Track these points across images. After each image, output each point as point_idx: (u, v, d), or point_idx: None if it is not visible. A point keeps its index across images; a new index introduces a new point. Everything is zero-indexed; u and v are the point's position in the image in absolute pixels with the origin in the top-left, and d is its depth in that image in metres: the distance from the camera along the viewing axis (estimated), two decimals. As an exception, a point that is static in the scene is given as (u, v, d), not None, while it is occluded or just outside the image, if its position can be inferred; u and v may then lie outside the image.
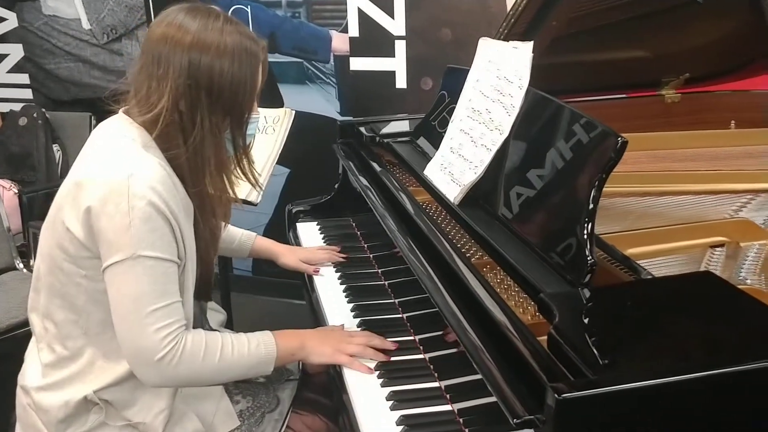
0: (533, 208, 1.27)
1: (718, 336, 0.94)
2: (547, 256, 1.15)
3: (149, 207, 1.18)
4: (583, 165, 1.16)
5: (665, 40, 2.03)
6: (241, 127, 1.31)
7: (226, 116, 1.28)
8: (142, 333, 1.20)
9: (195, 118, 1.25)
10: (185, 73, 1.22)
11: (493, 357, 1.03)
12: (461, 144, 1.51)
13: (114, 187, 1.18)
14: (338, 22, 2.80)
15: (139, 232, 1.18)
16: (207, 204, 1.34)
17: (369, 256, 1.83)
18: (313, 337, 1.39)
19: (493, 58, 1.51)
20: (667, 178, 1.73)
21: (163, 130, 1.25)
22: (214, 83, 1.23)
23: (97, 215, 1.19)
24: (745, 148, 1.92)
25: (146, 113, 1.25)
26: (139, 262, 1.18)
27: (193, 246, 1.32)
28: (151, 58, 1.24)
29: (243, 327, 2.65)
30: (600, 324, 0.99)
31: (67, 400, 1.31)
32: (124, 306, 1.21)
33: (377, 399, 1.25)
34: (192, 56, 1.22)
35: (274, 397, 1.48)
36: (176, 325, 1.22)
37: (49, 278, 1.31)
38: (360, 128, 2.07)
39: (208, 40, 1.23)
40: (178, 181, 1.28)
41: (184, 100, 1.24)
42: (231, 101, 1.27)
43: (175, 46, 1.22)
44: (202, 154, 1.27)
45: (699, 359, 0.88)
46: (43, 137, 3.16)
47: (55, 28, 3.36)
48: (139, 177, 1.19)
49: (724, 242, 1.42)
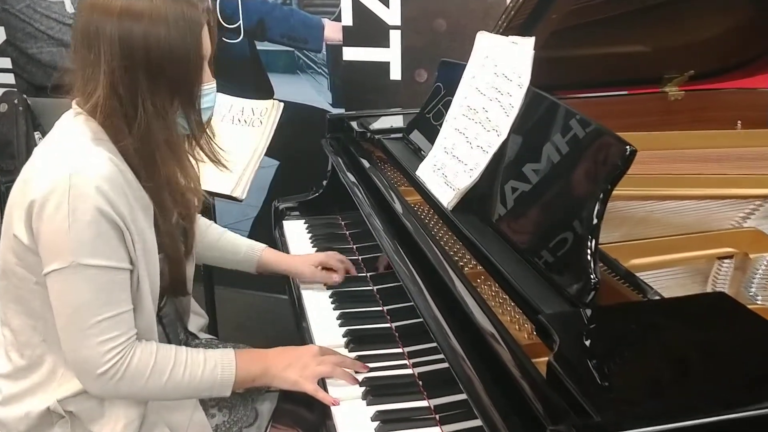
0: (532, 218, 1.18)
1: (737, 370, 0.86)
2: (547, 271, 1.07)
3: (93, 210, 1.08)
4: (588, 175, 1.08)
5: (669, 35, 1.95)
6: (192, 103, 1.19)
7: (172, 95, 1.16)
8: (84, 344, 1.12)
9: (136, 102, 1.13)
10: (117, 50, 1.10)
11: (486, 386, 0.95)
12: (455, 144, 1.42)
13: (56, 185, 1.08)
14: (331, 11, 2.70)
15: (79, 237, 1.08)
16: (166, 196, 1.23)
17: (358, 258, 1.75)
18: (279, 361, 1.28)
19: (490, 54, 1.42)
20: (671, 181, 1.64)
21: (106, 119, 1.14)
22: (151, 58, 1.11)
23: (38, 213, 1.10)
24: (753, 150, 1.84)
25: (87, 102, 1.14)
26: (79, 271, 1.09)
27: (154, 245, 1.22)
28: (81, 39, 1.13)
29: (227, 322, 2.60)
30: (605, 353, 0.90)
31: (27, 412, 1.23)
32: (66, 316, 1.13)
33: (363, 419, 1.18)
34: (123, 26, 1.10)
35: (252, 410, 1.39)
36: (123, 338, 1.14)
37: (2, 282, 1.23)
38: (350, 123, 1.98)
39: (138, 7, 1.10)
40: (133, 177, 1.17)
41: (122, 83, 1.11)
42: (174, 76, 1.14)
43: (103, 15, 1.10)
44: (150, 141, 1.15)
45: (719, 399, 0.80)
46: (24, 124, 3.05)
47: (38, 11, 3.24)
48: (83, 175, 1.09)
49: (733, 253, 1.34)
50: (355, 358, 1.33)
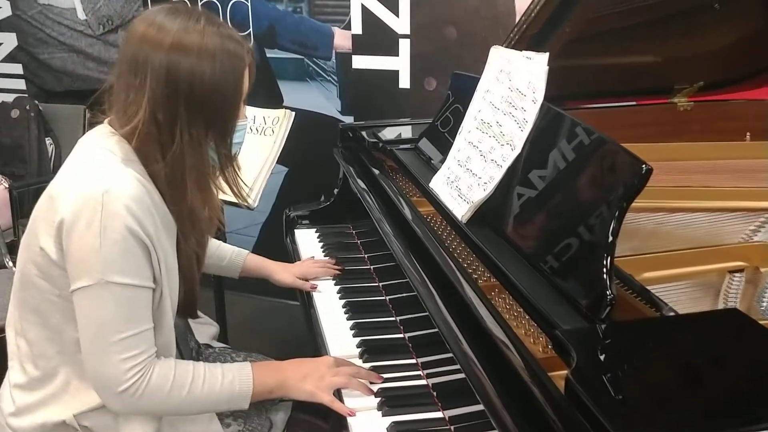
0: (548, 234, 1.19)
1: (750, 387, 0.87)
2: (563, 287, 1.08)
3: (123, 228, 1.11)
4: (604, 192, 1.09)
5: (679, 46, 1.96)
6: (225, 138, 1.23)
7: (208, 127, 1.19)
8: (107, 361, 1.14)
9: (174, 131, 1.16)
10: (163, 80, 1.13)
11: (501, 395, 0.96)
12: (469, 157, 1.44)
13: (87, 203, 1.11)
14: (341, 18, 2.72)
15: (109, 256, 1.10)
16: (189, 220, 1.26)
17: (369, 267, 1.76)
18: (296, 372, 1.30)
19: (505, 68, 1.43)
20: (680, 193, 1.66)
21: (141, 143, 1.17)
22: (194, 90, 1.15)
23: (68, 231, 1.12)
24: (762, 162, 1.85)
25: (125, 125, 1.17)
26: (106, 288, 1.12)
27: (175, 265, 1.25)
28: (128, 65, 1.16)
29: (236, 327, 2.61)
30: (622, 369, 0.92)
31: (42, 423, 1.25)
32: (90, 332, 1.15)
33: (379, 430, 1.19)
34: (171, 59, 1.13)
35: (266, 420, 1.41)
36: (144, 355, 1.16)
37: (22, 293, 1.24)
38: (362, 132, 1.99)
39: (188, 42, 1.14)
40: (159, 198, 1.20)
41: (162, 111, 1.15)
42: (213, 111, 1.18)
43: (154, 48, 1.14)
44: (182, 169, 1.19)
45: (733, 415, 0.81)
46: (35, 130, 3.08)
47: (50, 18, 3.27)
48: (115, 194, 1.11)
49: (744, 267, 1.36)
50: (370, 369, 1.34)
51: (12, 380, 1.29)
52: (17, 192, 2.84)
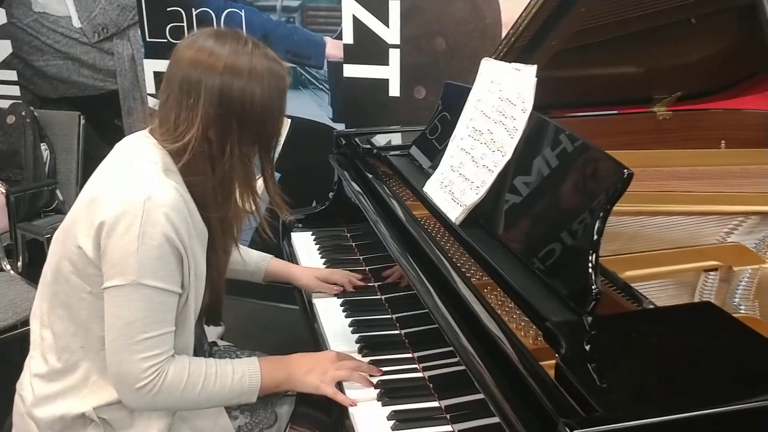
0: (537, 234, 1.28)
1: (720, 371, 0.97)
2: (551, 283, 1.17)
3: (160, 235, 1.18)
4: (589, 195, 1.18)
5: (658, 58, 2.06)
6: (269, 152, 1.33)
7: (255, 142, 1.29)
8: (128, 359, 1.21)
9: (225, 147, 1.25)
10: (217, 100, 1.22)
11: (498, 383, 1.04)
12: (462, 163, 1.52)
13: (129, 208, 1.18)
14: (333, 29, 2.80)
15: (144, 259, 1.17)
16: (221, 229, 1.34)
17: (365, 269, 1.84)
18: (301, 366, 1.37)
19: (495, 79, 1.52)
20: (661, 198, 1.75)
21: (192, 158, 1.24)
22: (245, 109, 1.23)
23: (108, 232, 1.19)
24: (736, 168, 1.95)
25: (174, 142, 1.25)
26: (138, 290, 1.18)
27: (203, 273, 1.32)
28: (179, 86, 1.23)
29: (232, 331, 2.67)
30: (606, 355, 1.01)
31: (62, 414, 1.31)
32: (117, 329, 1.21)
33: (380, 419, 1.27)
34: (224, 81, 1.21)
35: (272, 413, 1.48)
36: (163, 356, 1.23)
37: (54, 287, 1.31)
38: (356, 139, 2.08)
39: (239, 65, 1.22)
40: (194, 207, 1.28)
41: (215, 129, 1.24)
42: (261, 128, 1.27)
43: (208, 71, 1.21)
44: (230, 182, 1.28)
45: (707, 394, 0.90)
46: (31, 135, 3.12)
47: (45, 25, 3.32)
48: (156, 202, 1.19)
49: (718, 266, 1.45)
50: (369, 363, 1.42)
51: (33, 370, 1.35)
52: (14, 197, 2.89)
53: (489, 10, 2.59)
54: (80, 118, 3.10)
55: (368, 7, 2.67)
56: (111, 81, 3.28)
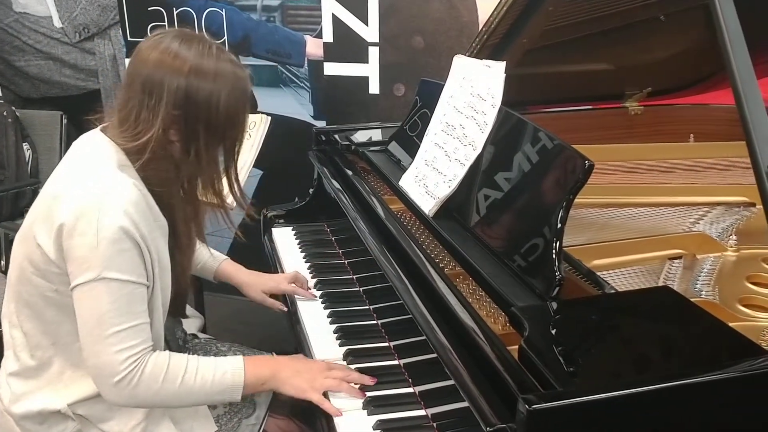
0: (505, 224, 1.33)
1: (673, 348, 1.02)
2: (518, 271, 1.22)
3: (119, 230, 1.20)
4: (553, 186, 1.23)
5: (629, 55, 2.11)
6: (233, 150, 1.35)
7: (221, 142, 1.31)
8: (104, 352, 1.22)
9: (189, 149, 1.28)
10: (181, 102, 1.24)
11: (465, 365, 1.09)
12: (435, 157, 1.57)
13: (87, 207, 1.20)
14: (313, 27, 2.84)
15: (106, 253, 1.19)
16: (184, 223, 1.37)
17: (344, 262, 1.88)
18: (288, 367, 1.37)
19: (467, 75, 1.57)
20: (629, 190, 1.81)
21: (150, 158, 1.26)
22: (211, 112, 1.26)
23: (68, 233, 1.20)
24: (702, 161, 2.02)
25: (132, 141, 1.26)
26: (104, 284, 1.20)
27: (168, 266, 1.33)
28: (141, 86, 1.25)
29: (217, 327, 2.70)
30: (567, 337, 1.06)
31: (39, 410, 1.33)
32: (89, 325, 1.23)
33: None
34: (190, 83, 1.24)
35: (251, 402, 1.52)
36: (139, 347, 1.24)
37: (18, 287, 1.32)
38: (335, 136, 2.11)
39: (205, 68, 1.25)
40: (153, 202, 1.29)
41: (176, 130, 1.26)
42: (226, 130, 1.30)
43: (173, 73, 1.23)
44: (195, 179, 1.31)
45: (658, 371, 0.96)
46: (12, 135, 3.14)
47: (26, 26, 3.33)
48: (113, 198, 1.21)
49: (682, 254, 1.51)
50: (346, 352, 1.45)
51: (8, 369, 1.37)
52: (-3, 197, 2.91)
53: (466, 9, 2.64)
54: (62, 117, 3.12)
55: (348, 6, 2.71)
56: (93, 80, 3.30)
